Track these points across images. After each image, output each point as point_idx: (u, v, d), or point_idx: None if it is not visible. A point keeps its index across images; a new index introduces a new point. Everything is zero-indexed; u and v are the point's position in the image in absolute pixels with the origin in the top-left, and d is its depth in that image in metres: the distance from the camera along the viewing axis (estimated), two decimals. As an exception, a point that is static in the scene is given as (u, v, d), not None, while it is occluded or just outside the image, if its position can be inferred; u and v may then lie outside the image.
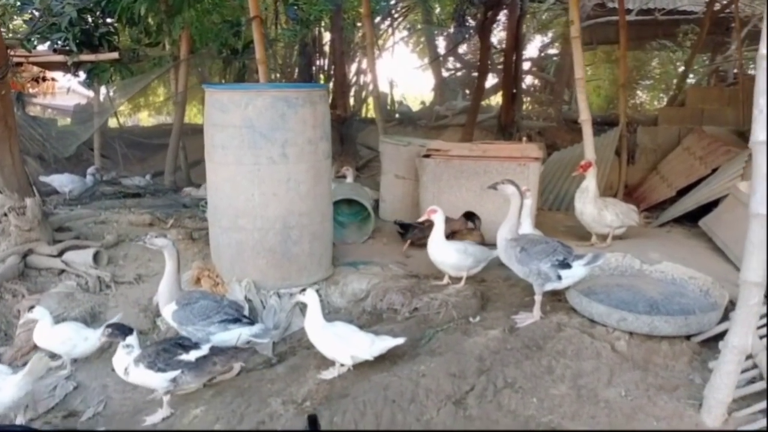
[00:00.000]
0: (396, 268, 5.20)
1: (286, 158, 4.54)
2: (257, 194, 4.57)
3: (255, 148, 4.51)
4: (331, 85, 13.25)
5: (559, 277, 3.90)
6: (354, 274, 5.03)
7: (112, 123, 13.56)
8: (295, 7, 10.77)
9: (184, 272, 5.16)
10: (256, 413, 3.50)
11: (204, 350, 3.61)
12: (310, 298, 3.85)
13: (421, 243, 5.32)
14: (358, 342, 3.73)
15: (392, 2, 13.07)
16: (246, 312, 4.37)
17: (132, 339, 3.58)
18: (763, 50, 2.72)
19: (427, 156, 6.00)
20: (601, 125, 12.52)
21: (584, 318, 3.95)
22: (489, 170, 5.87)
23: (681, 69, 17.60)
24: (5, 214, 5.36)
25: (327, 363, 3.87)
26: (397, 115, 14.12)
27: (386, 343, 3.75)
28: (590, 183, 5.63)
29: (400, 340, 3.75)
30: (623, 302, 4.04)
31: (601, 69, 19.25)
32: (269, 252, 4.67)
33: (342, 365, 3.78)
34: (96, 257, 5.30)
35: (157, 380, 3.51)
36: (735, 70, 12.94)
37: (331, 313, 4.71)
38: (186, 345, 3.64)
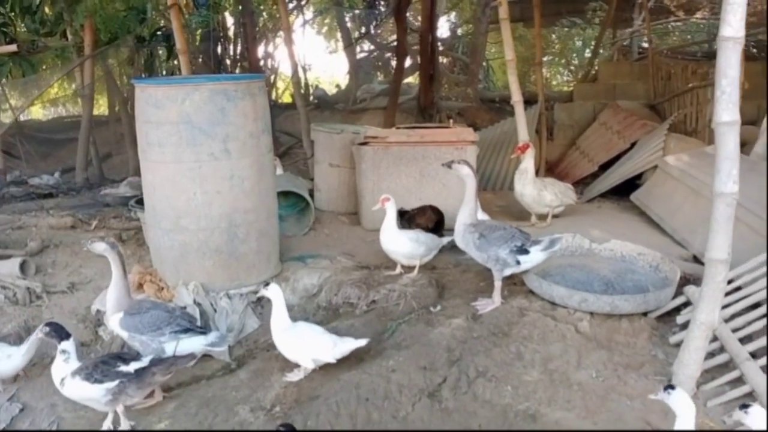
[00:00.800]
0: (345, 260, 5.11)
1: (228, 154, 4.35)
2: (199, 193, 4.35)
3: (195, 145, 4.28)
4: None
5: (518, 263, 3.92)
6: (303, 269, 4.90)
7: (5, 118, 12.75)
8: (205, -8, 10.38)
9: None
10: (224, 423, 3.37)
11: (144, 362, 3.42)
12: (274, 293, 3.75)
13: None
14: (321, 345, 3.63)
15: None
16: (197, 316, 4.19)
17: (68, 345, 3.37)
18: (724, 32, 2.78)
19: (364, 144, 5.90)
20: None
21: (544, 301, 4.00)
22: (427, 155, 5.84)
23: (582, 45, 18.29)
24: None
25: (291, 365, 3.76)
26: (313, 99, 13.88)
27: (348, 345, 3.66)
28: (528, 164, 5.70)
29: (362, 342, 3.65)
30: (579, 282, 4.11)
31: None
32: (215, 252, 4.47)
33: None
34: (23, 267, 4.94)
35: (94, 392, 3.28)
36: (642, 44, 13.45)
37: (284, 311, 4.57)
38: (126, 358, 3.45)
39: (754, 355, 3.28)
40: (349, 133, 6.51)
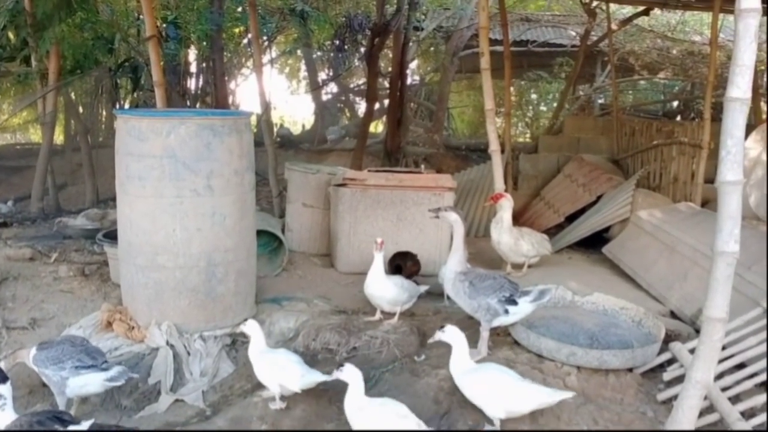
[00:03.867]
0: (322, 303, 4.99)
1: (211, 190, 4.23)
2: (179, 229, 4.21)
3: (177, 180, 4.16)
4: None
5: (506, 312, 3.87)
6: (279, 312, 4.77)
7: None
8: (175, 26, 10.28)
9: (89, 315, 4.70)
10: (204, 476, 3.19)
11: (83, 427, 3.18)
12: (252, 328, 3.74)
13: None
14: (290, 372, 3.57)
15: (272, 25, 12.79)
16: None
17: (5, 389, 3.09)
18: (731, 93, 2.82)
19: (342, 185, 5.84)
20: (474, 151, 12.98)
21: (531, 353, 3.95)
22: (405, 200, 5.82)
23: (538, 98, 18.72)
24: None
25: (270, 412, 3.61)
26: (276, 138, 13.79)
27: (315, 377, 3.58)
28: (505, 213, 5.70)
29: (327, 377, 3.50)
30: (564, 335, 4.08)
31: (464, 96, 19.95)
32: (192, 292, 4.31)
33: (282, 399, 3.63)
34: (-20, 300, 4.70)
35: None
36: (600, 101, 13.86)
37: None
38: (64, 419, 3.21)
39: (743, 415, 3.28)
40: (324, 173, 6.44)
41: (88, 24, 9.27)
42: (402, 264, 5.16)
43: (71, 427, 3.10)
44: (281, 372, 3.58)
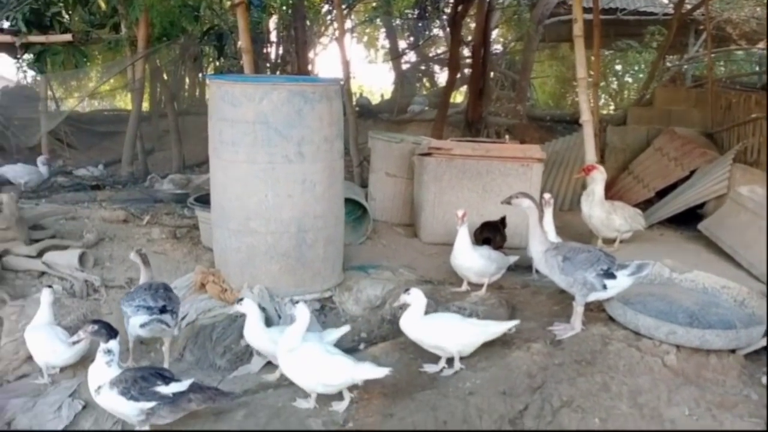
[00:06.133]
0: (407, 273, 4.98)
1: (302, 157, 4.24)
2: (271, 195, 4.25)
3: (270, 146, 4.18)
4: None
5: (605, 287, 3.74)
6: (366, 280, 4.78)
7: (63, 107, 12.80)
8: (259, -6, 10.35)
9: (182, 276, 4.82)
10: (300, 437, 3.23)
11: (183, 385, 3.25)
12: (249, 307, 3.71)
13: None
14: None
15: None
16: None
17: (114, 344, 3.22)
18: None
19: (427, 154, 5.77)
20: (558, 122, 12.65)
21: (627, 330, 3.82)
22: (491, 170, 5.71)
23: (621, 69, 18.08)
24: (-23, 212, 4.86)
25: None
26: (356, 108, 13.81)
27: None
28: (597, 186, 5.51)
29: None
30: (662, 313, 3.92)
31: (545, 66, 19.48)
32: (283, 257, 4.36)
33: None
34: (81, 258, 4.86)
35: (127, 408, 3.13)
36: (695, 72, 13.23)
37: (348, 322, 4.42)
38: (166, 376, 3.29)
39: None
40: (408, 142, 6.39)
41: (177, -10, 9.43)
42: (491, 237, 5.06)
43: (172, 384, 3.20)
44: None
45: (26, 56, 9.88)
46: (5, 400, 3.65)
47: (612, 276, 3.75)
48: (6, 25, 8.98)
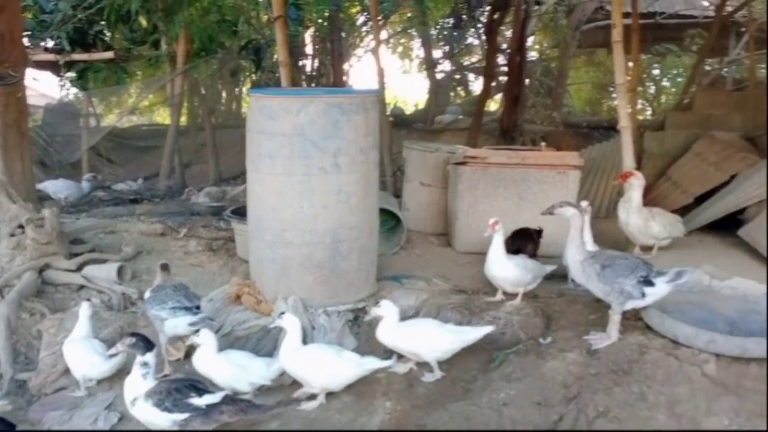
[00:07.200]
0: (441, 283, 4.98)
1: (338, 168, 4.28)
2: (306, 206, 4.30)
3: (306, 158, 4.24)
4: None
5: (643, 295, 3.69)
6: (399, 290, 4.79)
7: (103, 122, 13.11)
8: (296, 7, 10.47)
9: (218, 288, 4.89)
10: (332, 448, 3.25)
11: (216, 397, 3.31)
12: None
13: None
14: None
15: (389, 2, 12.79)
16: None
17: (150, 357, 3.32)
18: None
19: (462, 163, 5.77)
20: (595, 129, 12.52)
21: (665, 339, 3.76)
22: (527, 178, 5.69)
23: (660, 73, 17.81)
24: (20, 226, 5.00)
25: (396, 389, 3.63)
26: (389, 117, 13.86)
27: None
28: (634, 193, 5.44)
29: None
30: (701, 321, 3.84)
31: (581, 72, 19.30)
32: (317, 268, 4.40)
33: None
34: (120, 272, 4.97)
35: (161, 420, 3.22)
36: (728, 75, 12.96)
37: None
38: (200, 388, 3.34)
39: None
40: (443, 152, 6.39)
41: (215, 7, 9.62)
42: (521, 247, 5.00)
43: (206, 396, 3.26)
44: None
45: (69, 74, 10.14)
46: (43, 413, 3.76)
47: (650, 284, 3.70)
48: (50, 44, 9.24)
